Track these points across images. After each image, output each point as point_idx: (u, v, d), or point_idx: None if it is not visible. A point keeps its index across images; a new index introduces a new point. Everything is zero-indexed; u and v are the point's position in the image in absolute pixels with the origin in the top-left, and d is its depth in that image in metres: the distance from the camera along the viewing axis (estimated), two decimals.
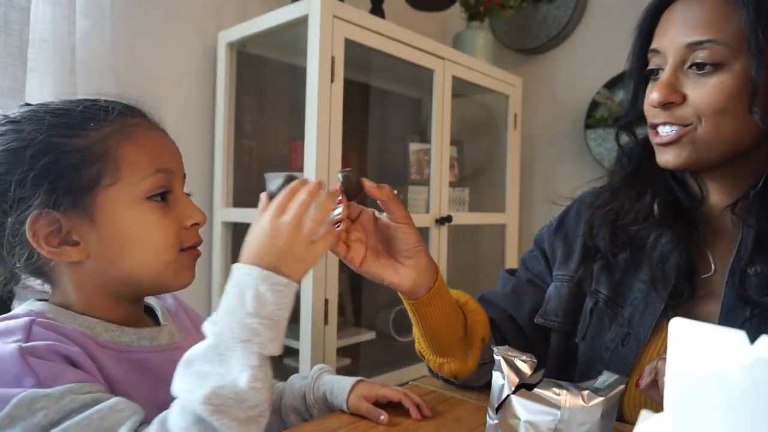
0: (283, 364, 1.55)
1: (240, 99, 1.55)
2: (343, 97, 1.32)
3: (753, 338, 0.22)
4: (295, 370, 1.37)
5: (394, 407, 0.73)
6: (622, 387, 0.58)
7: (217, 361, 0.49)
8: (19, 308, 0.59)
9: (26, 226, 0.54)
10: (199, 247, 0.65)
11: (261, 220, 0.55)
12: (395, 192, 0.66)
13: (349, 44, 1.34)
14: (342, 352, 1.48)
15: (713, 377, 0.22)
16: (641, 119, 0.73)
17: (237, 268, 0.54)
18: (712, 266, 0.70)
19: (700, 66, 0.63)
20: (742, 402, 0.22)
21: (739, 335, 0.22)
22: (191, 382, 0.48)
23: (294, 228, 0.54)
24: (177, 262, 0.61)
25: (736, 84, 0.61)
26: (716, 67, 0.62)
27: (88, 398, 0.49)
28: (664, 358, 0.56)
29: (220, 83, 1.52)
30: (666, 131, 0.66)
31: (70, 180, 0.55)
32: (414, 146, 1.75)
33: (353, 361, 1.59)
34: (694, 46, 0.63)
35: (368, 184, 0.62)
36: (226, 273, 1.54)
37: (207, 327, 0.51)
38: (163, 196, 0.60)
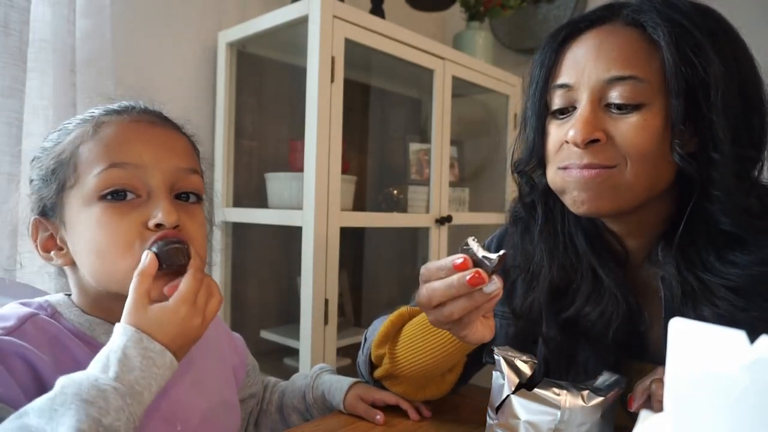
0: (283, 364, 1.55)
1: (240, 99, 1.55)
2: (343, 97, 1.32)
3: (753, 338, 0.22)
4: (295, 370, 1.36)
5: (393, 409, 0.73)
6: (622, 387, 0.59)
7: (47, 416, 0.42)
8: (46, 297, 0.60)
9: (28, 230, 0.58)
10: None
11: (174, 304, 0.51)
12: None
13: (349, 44, 1.34)
14: (342, 352, 1.48)
15: (713, 377, 0.22)
16: (540, 164, 0.66)
17: (115, 327, 0.50)
18: (647, 319, 0.67)
19: (620, 105, 0.58)
20: (742, 402, 0.22)
21: (739, 335, 0.22)
22: (10, 427, 0.42)
23: (198, 312, 0.53)
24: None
25: (658, 124, 0.57)
26: (637, 105, 0.57)
27: None
28: (658, 379, 0.55)
29: (220, 83, 1.52)
30: (587, 172, 0.60)
31: (46, 186, 0.56)
32: (414, 146, 1.75)
33: (353, 361, 1.59)
34: (614, 82, 0.57)
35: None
36: (226, 274, 1.54)
37: (58, 380, 0.45)
38: (123, 194, 0.54)
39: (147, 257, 0.52)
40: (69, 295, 0.61)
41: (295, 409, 0.79)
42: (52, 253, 0.58)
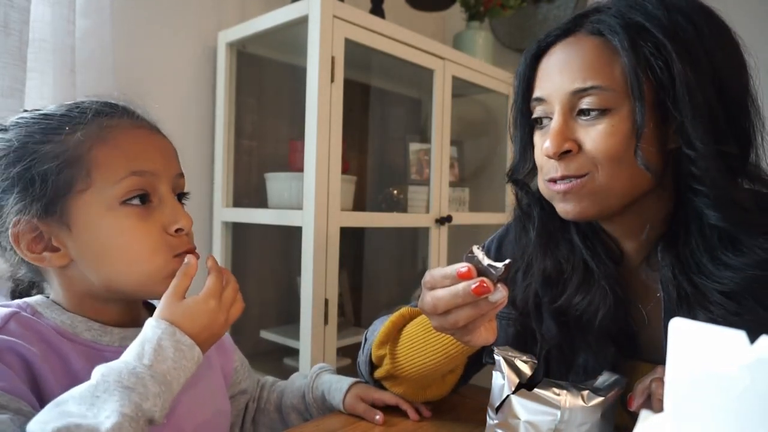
0: (283, 364, 1.55)
1: (240, 99, 1.55)
2: (343, 97, 1.32)
3: (753, 338, 0.22)
4: (295, 370, 1.36)
5: (393, 409, 0.73)
6: (622, 387, 0.59)
7: (88, 403, 0.45)
8: (24, 299, 0.59)
9: (9, 232, 0.55)
10: (197, 250, 0.64)
11: (204, 296, 0.56)
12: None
13: (349, 44, 1.34)
14: (342, 352, 1.48)
15: (713, 377, 0.22)
16: (533, 170, 0.69)
17: (147, 322, 0.53)
18: (645, 318, 0.68)
19: (586, 112, 0.59)
20: (742, 402, 0.22)
21: (739, 335, 0.22)
22: (50, 416, 0.43)
23: (224, 309, 0.57)
24: (166, 268, 0.57)
25: (627, 128, 0.58)
26: (604, 112, 0.58)
27: None
28: (658, 378, 0.55)
29: (220, 83, 1.52)
30: (564, 185, 0.62)
31: (42, 187, 0.54)
32: (414, 146, 1.75)
33: (353, 361, 1.59)
34: (580, 93, 0.59)
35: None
36: None
37: (96, 369, 0.48)
38: (142, 200, 0.57)
39: (190, 260, 0.58)
40: (47, 297, 0.61)
41: (294, 408, 0.79)
42: (44, 254, 0.56)
